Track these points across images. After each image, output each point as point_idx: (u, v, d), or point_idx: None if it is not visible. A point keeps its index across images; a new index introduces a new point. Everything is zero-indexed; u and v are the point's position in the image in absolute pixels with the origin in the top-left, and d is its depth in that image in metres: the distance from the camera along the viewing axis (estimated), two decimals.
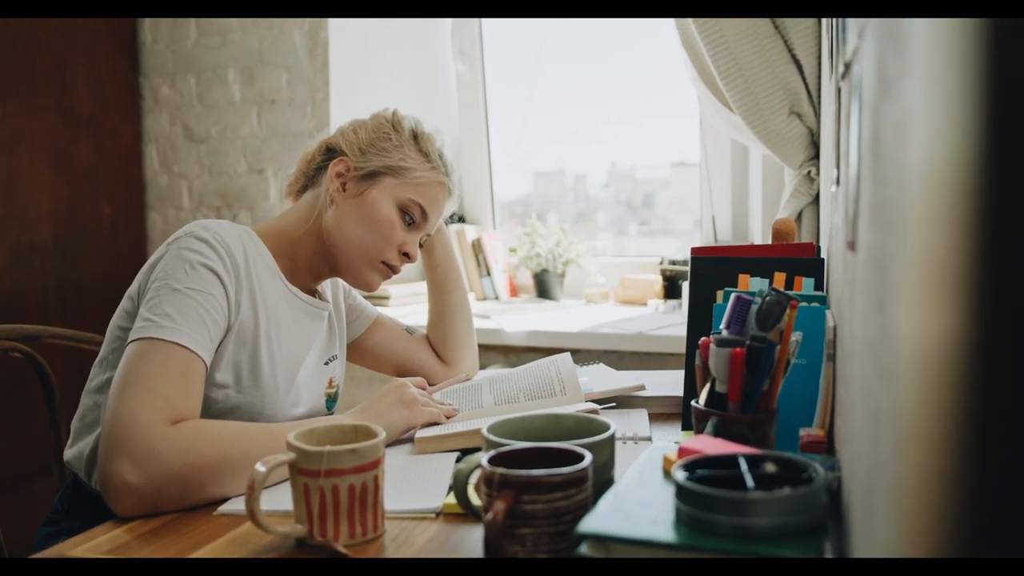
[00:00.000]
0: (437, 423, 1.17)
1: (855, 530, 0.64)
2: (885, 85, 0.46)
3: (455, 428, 1.12)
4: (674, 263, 2.38)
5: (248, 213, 2.56)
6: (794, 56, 1.75)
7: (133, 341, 1.01)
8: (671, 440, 1.11)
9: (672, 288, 2.36)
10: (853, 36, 0.70)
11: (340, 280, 1.37)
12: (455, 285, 1.47)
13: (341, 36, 2.45)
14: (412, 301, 2.40)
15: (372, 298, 2.30)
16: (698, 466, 0.70)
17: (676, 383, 1.35)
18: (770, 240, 1.31)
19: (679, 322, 2.10)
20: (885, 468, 0.43)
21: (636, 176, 3.03)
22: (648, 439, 1.13)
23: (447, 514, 0.89)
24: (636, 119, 2.80)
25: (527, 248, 2.55)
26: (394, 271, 1.25)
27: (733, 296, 0.90)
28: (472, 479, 0.81)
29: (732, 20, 1.74)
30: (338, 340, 1.33)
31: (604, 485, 0.81)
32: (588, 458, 0.75)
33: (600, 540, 0.66)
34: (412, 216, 1.23)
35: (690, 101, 2.36)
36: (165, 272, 1.05)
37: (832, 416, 0.97)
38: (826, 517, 0.66)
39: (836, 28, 0.98)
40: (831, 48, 1.14)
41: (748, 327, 0.89)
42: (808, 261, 1.14)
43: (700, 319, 1.16)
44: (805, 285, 1.12)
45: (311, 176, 1.27)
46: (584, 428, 0.88)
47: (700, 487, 0.64)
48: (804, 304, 0.98)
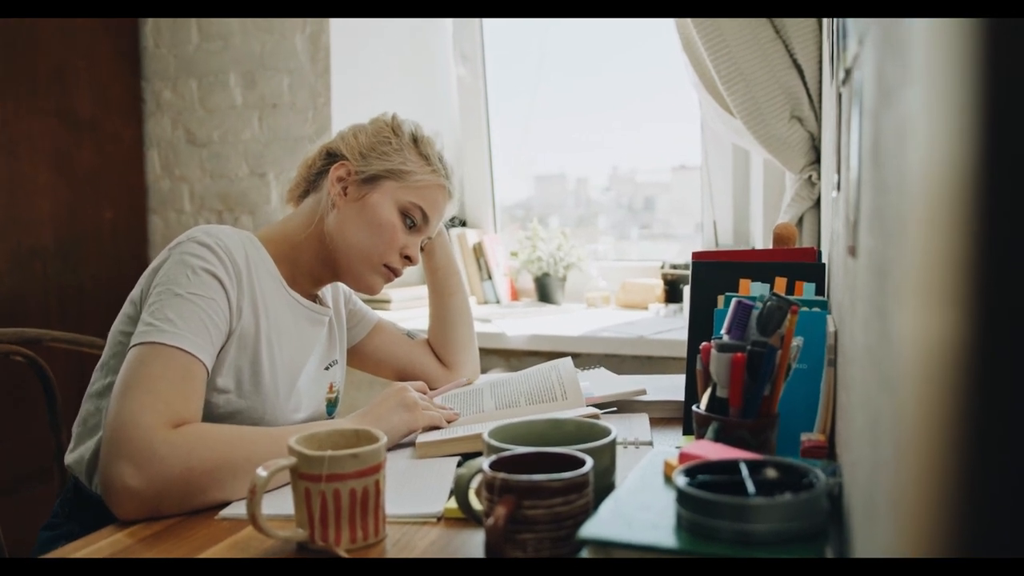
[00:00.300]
0: (438, 427, 1.17)
1: (856, 535, 0.64)
2: (885, 92, 0.46)
3: (456, 433, 1.12)
4: (675, 267, 2.38)
5: (250, 217, 2.56)
6: (795, 60, 1.75)
7: (135, 345, 1.01)
8: (672, 445, 1.11)
9: (673, 292, 2.36)
10: (854, 43, 0.71)
11: (341, 285, 1.37)
12: (456, 288, 1.47)
13: (343, 40, 2.45)
14: (413, 305, 2.40)
15: (373, 302, 2.30)
16: (699, 471, 0.71)
17: (677, 387, 1.35)
18: (771, 244, 1.31)
19: (680, 326, 2.10)
20: (885, 472, 0.43)
21: (637, 180, 3.03)
22: (649, 444, 1.13)
23: (448, 519, 0.89)
24: (636, 123, 2.81)
25: (528, 252, 2.55)
26: (396, 274, 1.26)
27: (734, 301, 0.91)
28: (473, 484, 0.81)
29: (733, 24, 1.74)
30: (338, 345, 1.33)
31: (605, 490, 0.81)
32: (589, 463, 0.75)
33: (601, 545, 0.66)
34: (413, 219, 1.24)
35: (690, 104, 2.36)
36: (167, 277, 1.06)
37: (833, 421, 0.97)
38: (827, 522, 0.66)
39: (837, 33, 0.98)
40: (832, 53, 1.14)
41: (749, 332, 0.89)
42: (809, 266, 1.14)
43: (701, 324, 1.16)
44: (806, 290, 1.12)
45: (312, 181, 1.28)
46: (585, 433, 0.88)
47: (701, 493, 0.64)
48: (805, 309, 0.98)
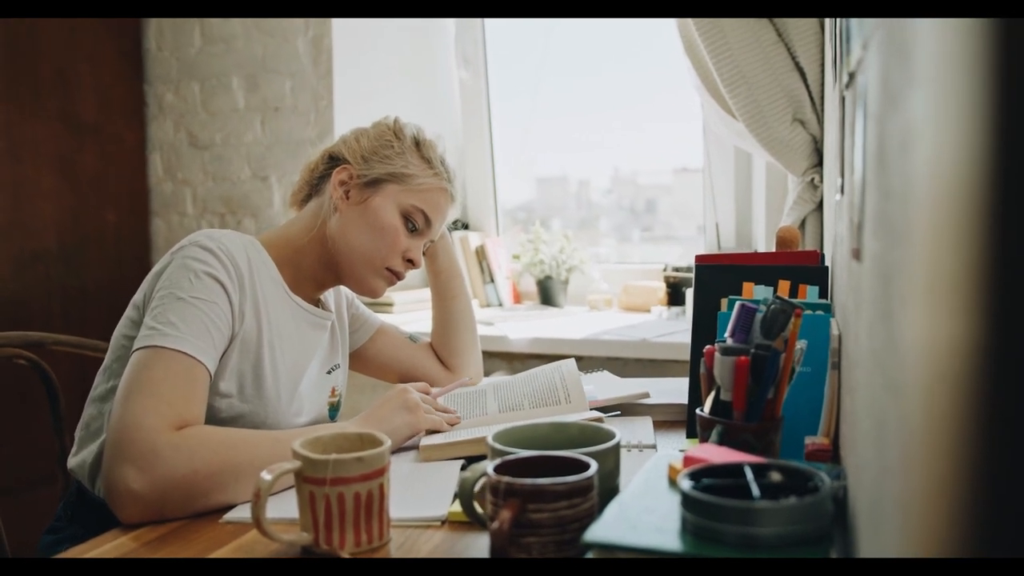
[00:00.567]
0: (440, 430, 1.17)
1: (861, 538, 0.64)
2: (890, 96, 0.46)
3: (460, 436, 1.12)
4: (678, 270, 2.38)
5: (252, 220, 2.56)
6: (797, 63, 1.75)
7: (138, 349, 1.01)
8: (675, 448, 1.11)
9: (676, 295, 2.36)
10: (857, 47, 0.71)
11: (343, 289, 1.37)
12: (458, 292, 1.47)
13: (345, 43, 2.46)
14: (415, 308, 2.40)
15: (376, 305, 2.30)
16: (704, 475, 0.70)
17: (680, 390, 1.34)
18: (774, 247, 1.31)
19: (683, 329, 2.10)
20: (893, 477, 0.43)
21: (638, 182, 3.03)
22: (652, 447, 1.13)
23: (452, 522, 0.89)
24: (638, 125, 2.81)
25: (531, 255, 2.55)
26: (399, 277, 1.26)
27: (738, 304, 0.91)
28: (477, 487, 0.81)
29: (735, 27, 1.74)
30: (341, 349, 1.33)
31: (609, 493, 0.81)
32: (593, 467, 0.75)
33: (606, 549, 0.66)
34: (415, 223, 1.24)
35: (692, 106, 2.36)
36: (170, 281, 1.06)
37: (837, 424, 0.97)
38: (832, 526, 0.66)
39: (840, 37, 0.98)
40: (834, 57, 1.14)
41: (753, 335, 0.89)
42: (812, 269, 1.14)
43: (704, 327, 1.16)
44: (809, 293, 1.12)
45: (314, 185, 1.28)
46: (589, 436, 0.88)
47: (706, 496, 0.64)
48: (808, 312, 0.98)
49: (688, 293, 2.28)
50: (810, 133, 1.78)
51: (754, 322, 0.89)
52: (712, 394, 0.90)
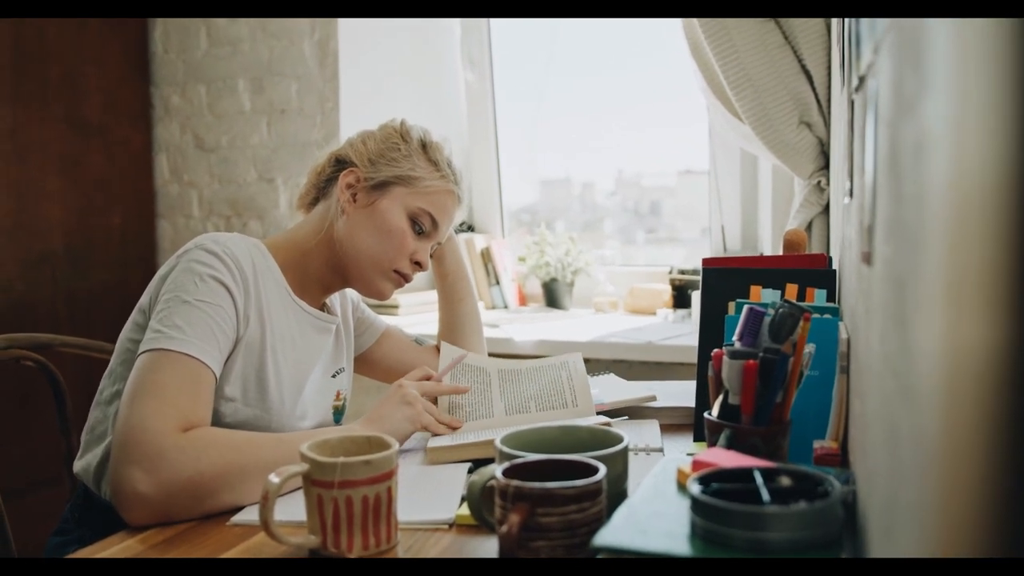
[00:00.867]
0: (442, 421, 1.17)
1: (873, 544, 0.63)
2: (903, 102, 0.46)
3: (467, 439, 1.12)
4: (683, 272, 2.38)
5: (258, 222, 2.57)
6: (804, 66, 1.75)
7: (144, 352, 1.01)
8: (683, 451, 1.11)
9: (681, 297, 2.35)
10: (868, 50, 0.70)
11: (349, 293, 1.37)
12: (465, 294, 1.47)
13: (351, 46, 2.46)
14: (421, 310, 2.40)
15: (381, 307, 2.30)
16: (713, 479, 0.70)
17: (686, 393, 1.34)
18: (780, 250, 1.31)
19: (688, 332, 2.09)
20: (907, 482, 0.43)
21: (643, 184, 3.03)
22: (660, 450, 1.13)
23: (460, 525, 0.89)
24: (642, 127, 2.81)
25: (536, 257, 2.55)
26: (406, 279, 1.26)
27: (746, 308, 0.90)
28: (485, 490, 0.81)
29: (741, 30, 1.74)
30: (346, 353, 1.33)
31: (618, 497, 0.81)
32: (603, 471, 0.75)
33: (615, 553, 0.65)
34: (422, 225, 1.24)
35: (696, 108, 2.36)
36: (175, 284, 1.06)
37: (846, 428, 0.97)
38: (841, 531, 0.66)
39: (848, 39, 0.98)
40: (842, 60, 1.14)
41: (761, 339, 0.89)
42: (820, 272, 1.14)
43: (711, 330, 1.16)
44: (817, 296, 1.12)
45: (321, 188, 1.28)
46: (598, 440, 0.88)
47: (716, 501, 0.64)
48: (817, 316, 0.98)
49: (694, 296, 2.27)
50: (816, 136, 1.77)
51: (762, 326, 0.89)
52: (720, 398, 0.90)
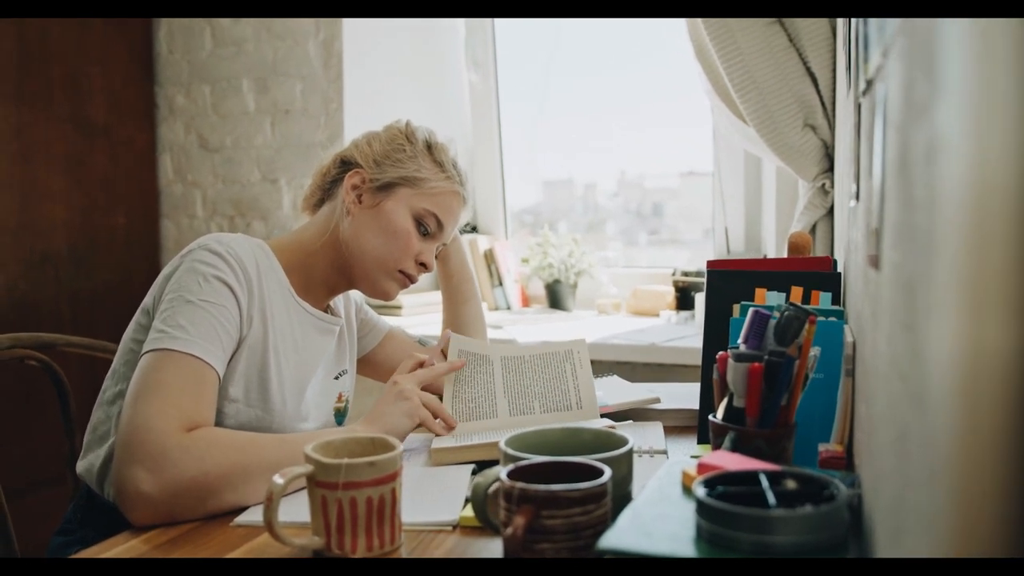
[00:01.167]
0: (442, 421, 1.17)
1: (880, 547, 0.63)
2: (914, 105, 0.46)
3: (471, 440, 1.12)
4: (686, 274, 2.37)
5: (262, 222, 2.57)
6: (808, 69, 1.75)
7: (147, 352, 1.01)
8: (687, 454, 1.11)
9: (685, 299, 2.35)
10: (877, 54, 0.70)
11: (352, 295, 1.37)
12: (470, 295, 1.47)
13: (355, 46, 2.46)
14: (424, 311, 2.40)
15: (384, 308, 2.30)
16: (718, 482, 0.70)
17: (690, 395, 1.34)
18: (784, 252, 1.31)
19: (692, 333, 2.09)
20: (917, 486, 0.43)
21: (645, 185, 3.03)
22: (663, 453, 1.13)
23: (463, 527, 0.89)
24: (644, 128, 2.81)
25: (539, 258, 2.55)
26: (411, 280, 1.25)
27: (751, 311, 0.90)
28: (490, 492, 0.81)
29: (746, 32, 1.74)
30: (348, 355, 1.33)
31: (622, 500, 0.80)
32: (607, 473, 0.75)
33: (621, 556, 0.65)
34: (427, 226, 1.24)
35: (699, 110, 2.36)
36: (179, 285, 1.06)
37: (851, 432, 0.97)
38: (847, 534, 0.66)
39: (856, 43, 0.97)
40: (848, 63, 1.14)
41: (766, 341, 0.89)
42: (825, 275, 1.13)
43: (716, 332, 1.15)
44: (822, 299, 1.11)
45: (327, 189, 1.28)
46: (602, 442, 0.88)
47: (722, 504, 0.64)
48: (822, 319, 0.98)
49: (697, 298, 2.27)
50: (821, 138, 1.77)
51: (768, 328, 0.89)
52: (725, 400, 0.90)
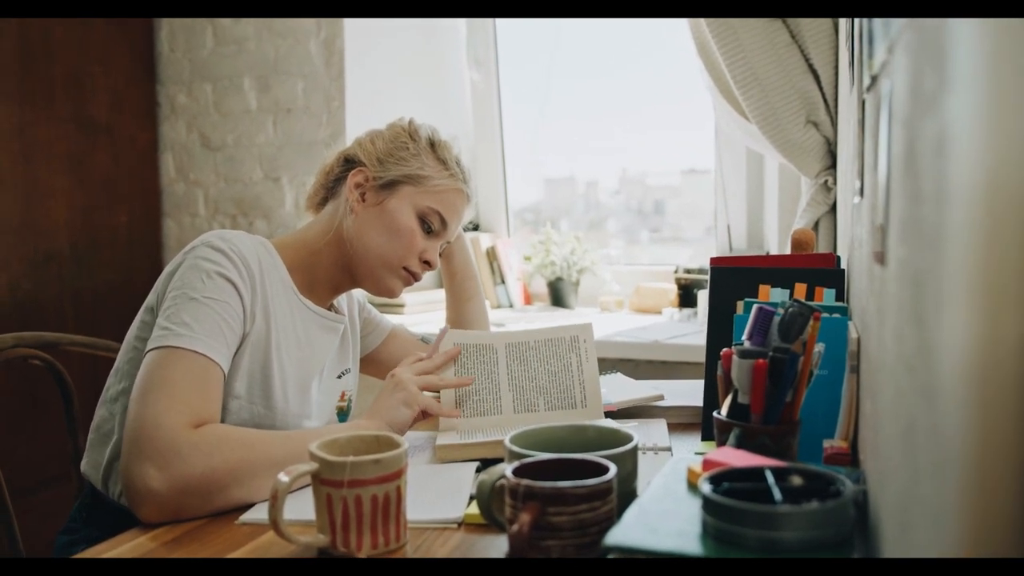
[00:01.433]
0: (444, 411, 1.18)
1: (887, 543, 0.63)
2: (922, 100, 0.46)
3: (476, 438, 1.12)
4: (689, 271, 2.38)
5: (264, 221, 2.57)
6: (811, 65, 1.75)
7: (152, 350, 1.01)
8: (691, 451, 1.11)
9: (687, 297, 2.35)
10: (882, 50, 0.70)
11: (355, 293, 1.37)
12: (473, 293, 1.47)
13: (357, 45, 2.46)
14: (427, 309, 2.40)
15: (387, 306, 2.30)
16: (724, 478, 0.70)
17: (693, 392, 1.34)
18: (786, 249, 1.31)
19: (694, 331, 2.09)
20: (925, 481, 0.43)
21: (647, 183, 3.03)
22: (668, 449, 1.13)
23: (469, 524, 0.89)
24: (646, 126, 2.81)
25: (542, 256, 2.55)
26: (415, 278, 1.25)
27: (756, 307, 0.90)
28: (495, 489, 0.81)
29: (748, 29, 1.74)
30: (352, 353, 1.33)
31: (627, 496, 0.80)
32: (613, 470, 0.75)
33: (627, 552, 0.65)
34: (431, 224, 1.24)
35: (701, 108, 2.36)
36: (182, 282, 1.06)
37: (855, 428, 0.97)
38: (853, 530, 0.66)
39: (859, 39, 0.97)
40: (851, 59, 1.13)
41: (770, 338, 0.89)
42: (829, 272, 1.13)
43: (719, 329, 1.15)
44: (826, 296, 1.11)
45: (330, 188, 1.28)
46: (607, 439, 0.88)
47: (728, 500, 0.64)
48: (826, 315, 0.97)
49: (700, 295, 2.27)
50: (823, 135, 1.77)
51: (772, 325, 0.89)
52: (730, 397, 0.90)
